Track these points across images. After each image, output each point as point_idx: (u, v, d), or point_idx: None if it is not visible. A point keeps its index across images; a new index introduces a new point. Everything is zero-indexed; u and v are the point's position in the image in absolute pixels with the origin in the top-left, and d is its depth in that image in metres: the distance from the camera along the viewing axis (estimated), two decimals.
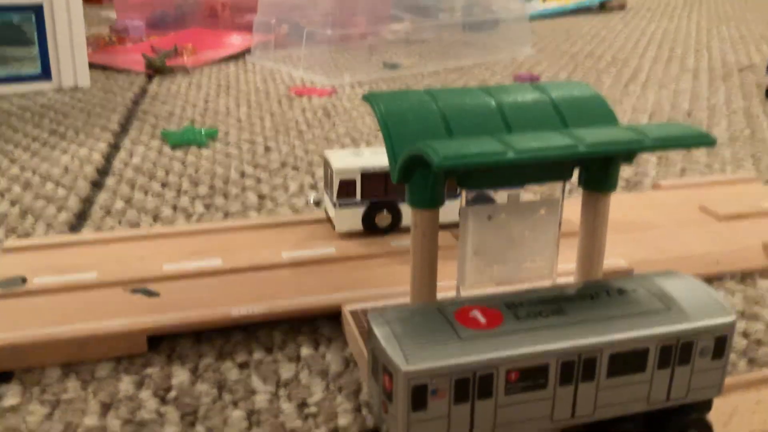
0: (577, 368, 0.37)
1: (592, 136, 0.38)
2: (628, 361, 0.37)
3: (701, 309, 0.39)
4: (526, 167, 0.42)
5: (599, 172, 0.45)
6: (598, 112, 0.46)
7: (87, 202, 0.82)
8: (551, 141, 0.37)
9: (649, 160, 0.96)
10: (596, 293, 0.40)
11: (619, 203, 0.74)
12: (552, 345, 0.36)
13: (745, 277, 0.65)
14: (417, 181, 0.41)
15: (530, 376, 0.36)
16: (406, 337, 0.36)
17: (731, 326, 0.38)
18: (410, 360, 0.34)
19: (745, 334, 0.56)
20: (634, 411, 0.38)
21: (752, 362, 0.53)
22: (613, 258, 0.63)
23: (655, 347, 0.37)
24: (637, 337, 0.37)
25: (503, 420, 0.36)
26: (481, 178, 0.42)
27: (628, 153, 0.43)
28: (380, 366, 0.36)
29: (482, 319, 0.37)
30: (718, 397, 0.41)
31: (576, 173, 0.46)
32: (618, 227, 0.69)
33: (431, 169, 0.39)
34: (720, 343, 0.38)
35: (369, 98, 0.44)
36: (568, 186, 0.54)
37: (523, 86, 0.47)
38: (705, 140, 0.39)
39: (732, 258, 0.66)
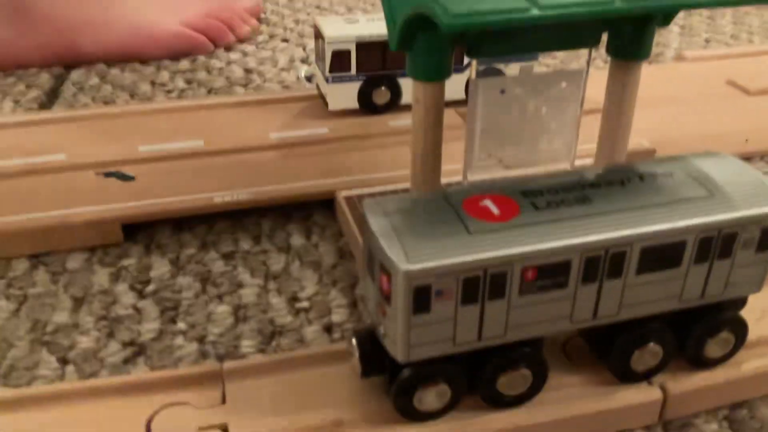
0: (603, 265, 0.32)
1: None
2: (661, 255, 0.32)
3: (746, 195, 0.34)
4: (549, 30, 0.36)
5: (632, 36, 0.39)
6: None
7: (58, 78, 0.75)
8: None
9: (670, 28, 0.88)
10: (627, 178, 0.34)
11: None
12: (575, 239, 0.31)
13: None
14: (420, 48, 0.34)
15: (549, 274, 0.31)
16: (407, 230, 0.31)
17: None
18: (411, 257, 0.29)
19: None
20: (662, 310, 0.34)
21: None
22: (634, 137, 0.57)
23: (693, 239, 0.32)
24: (674, 229, 0.32)
25: (516, 322, 0.32)
26: (497, 44, 0.36)
27: (673, 10, 0.37)
28: (377, 264, 0.31)
29: (495, 210, 0.32)
30: None
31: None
32: (637, 103, 0.63)
33: (437, 32, 0.33)
34: (766, 234, 0.34)
35: None
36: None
37: None
38: None
39: (762, 136, 0.61)
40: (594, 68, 0.77)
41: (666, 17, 0.40)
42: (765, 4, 0.33)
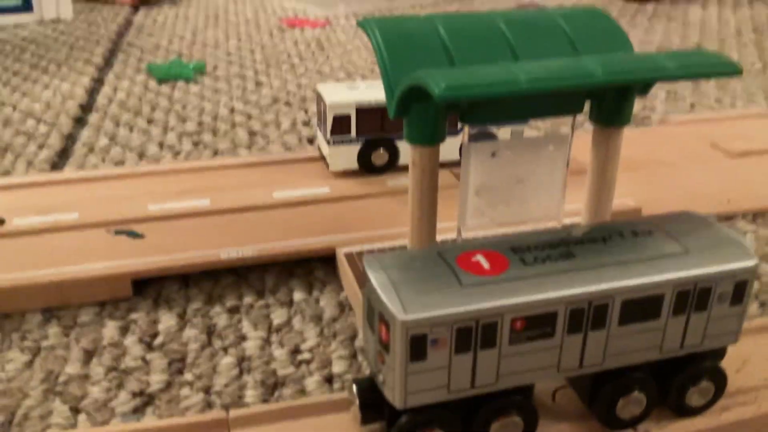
0: (587, 316, 0.34)
1: (609, 64, 0.34)
2: (641, 308, 0.35)
3: (720, 252, 0.36)
4: (535, 99, 0.39)
5: (613, 105, 0.42)
6: (612, 39, 0.42)
7: (69, 139, 0.79)
8: (564, 69, 0.33)
9: (656, 95, 0.92)
10: (608, 236, 0.37)
11: (625, 139, 0.70)
12: (561, 291, 0.33)
13: (757, 216, 0.62)
14: (416, 115, 0.37)
15: (537, 324, 0.33)
16: (404, 283, 0.33)
17: (752, 271, 0.36)
18: (408, 308, 0.32)
19: (757, 277, 0.54)
20: (645, 360, 0.36)
21: (764, 306, 0.51)
22: (621, 197, 0.60)
23: (671, 293, 0.35)
24: (652, 283, 0.34)
25: (507, 370, 0.34)
26: (487, 111, 0.39)
27: (648, 83, 0.40)
28: (376, 314, 0.33)
29: (486, 265, 0.34)
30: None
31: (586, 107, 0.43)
32: (625, 164, 0.65)
33: (432, 102, 0.36)
34: (739, 288, 0.36)
35: (364, 24, 0.40)
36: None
37: (530, 12, 0.43)
38: (731, 68, 0.36)
39: (743, 196, 0.64)
40: (582, 131, 0.80)
41: (645, 87, 0.43)
42: (735, 75, 0.36)
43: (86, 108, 0.88)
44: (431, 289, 0.33)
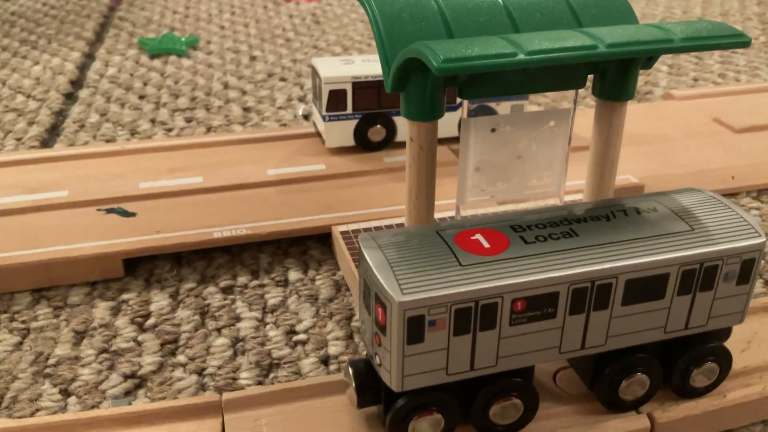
0: (590, 296, 0.33)
1: (613, 36, 0.33)
2: (645, 287, 0.34)
3: (727, 229, 0.35)
4: (536, 73, 0.38)
5: (616, 79, 0.40)
6: (616, 9, 0.41)
7: (59, 116, 0.77)
8: (567, 41, 0.32)
9: (659, 68, 0.91)
10: (611, 213, 0.36)
11: (627, 115, 0.69)
12: (562, 271, 0.32)
13: (762, 193, 0.61)
14: (413, 90, 0.36)
15: (538, 305, 0.32)
16: (401, 263, 0.32)
17: (760, 249, 0.35)
18: (405, 289, 0.31)
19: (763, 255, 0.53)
20: (649, 341, 0.35)
21: None
22: (623, 173, 0.59)
23: (676, 272, 0.34)
24: (657, 262, 0.33)
25: (507, 352, 0.33)
26: (486, 85, 0.37)
27: (653, 55, 0.38)
28: (372, 295, 0.32)
29: (486, 244, 0.33)
30: None
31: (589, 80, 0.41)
32: (627, 140, 0.64)
33: (430, 75, 0.34)
34: (746, 267, 0.35)
35: None
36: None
37: None
38: (739, 39, 0.34)
39: (748, 173, 0.62)
40: (584, 106, 0.79)
41: (648, 60, 0.42)
42: (743, 46, 0.35)
43: (77, 84, 0.86)
44: (429, 269, 0.32)
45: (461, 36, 0.37)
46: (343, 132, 0.63)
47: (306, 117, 0.68)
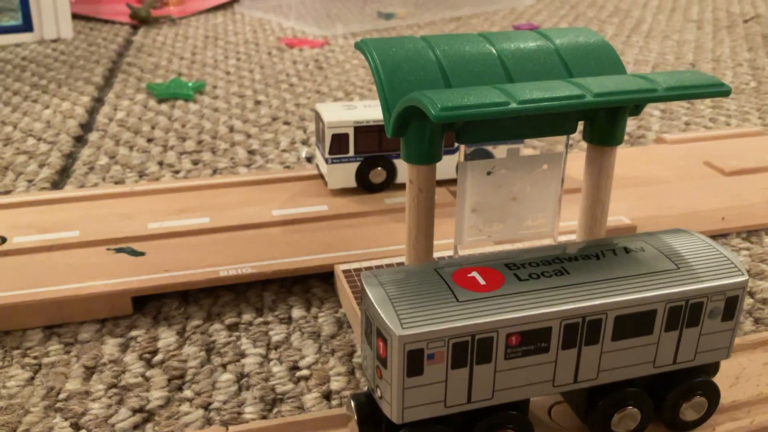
0: (581, 331, 0.35)
1: (600, 86, 0.35)
2: (634, 323, 0.35)
3: (711, 268, 0.37)
4: (529, 120, 0.40)
5: (605, 125, 0.42)
6: (605, 59, 0.43)
7: (69, 158, 0.79)
8: (557, 91, 0.34)
9: (651, 113, 0.93)
10: (601, 252, 0.38)
11: (621, 158, 0.72)
12: (555, 307, 0.34)
13: (751, 234, 0.63)
14: (413, 135, 0.38)
15: (532, 339, 0.34)
16: (401, 299, 0.34)
17: (743, 286, 0.37)
18: (405, 324, 0.32)
19: (751, 293, 0.55)
20: (639, 375, 0.37)
21: (758, 322, 0.51)
22: (616, 215, 0.61)
23: (663, 309, 0.35)
24: (644, 299, 0.35)
25: (503, 385, 0.34)
26: (481, 131, 0.39)
27: (639, 103, 0.41)
28: (374, 330, 0.34)
29: (482, 281, 0.35)
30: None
31: (580, 126, 0.44)
32: (620, 182, 0.67)
33: (428, 122, 0.37)
34: (730, 304, 0.37)
35: (361, 45, 0.41)
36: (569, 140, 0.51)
37: (524, 33, 0.44)
38: (719, 89, 0.37)
39: (738, 214, 0.64)
40: (579, 149, 0.81)
41: (636, 107, 0.44)
42: (724, 95, 0.37)
43: (86, 127, 0.89)
44: (428, 305, 0.33)
45: (458, 85, 0.39)
46: (345, 174, 0.65)
47: (309, 159, 0.70)
